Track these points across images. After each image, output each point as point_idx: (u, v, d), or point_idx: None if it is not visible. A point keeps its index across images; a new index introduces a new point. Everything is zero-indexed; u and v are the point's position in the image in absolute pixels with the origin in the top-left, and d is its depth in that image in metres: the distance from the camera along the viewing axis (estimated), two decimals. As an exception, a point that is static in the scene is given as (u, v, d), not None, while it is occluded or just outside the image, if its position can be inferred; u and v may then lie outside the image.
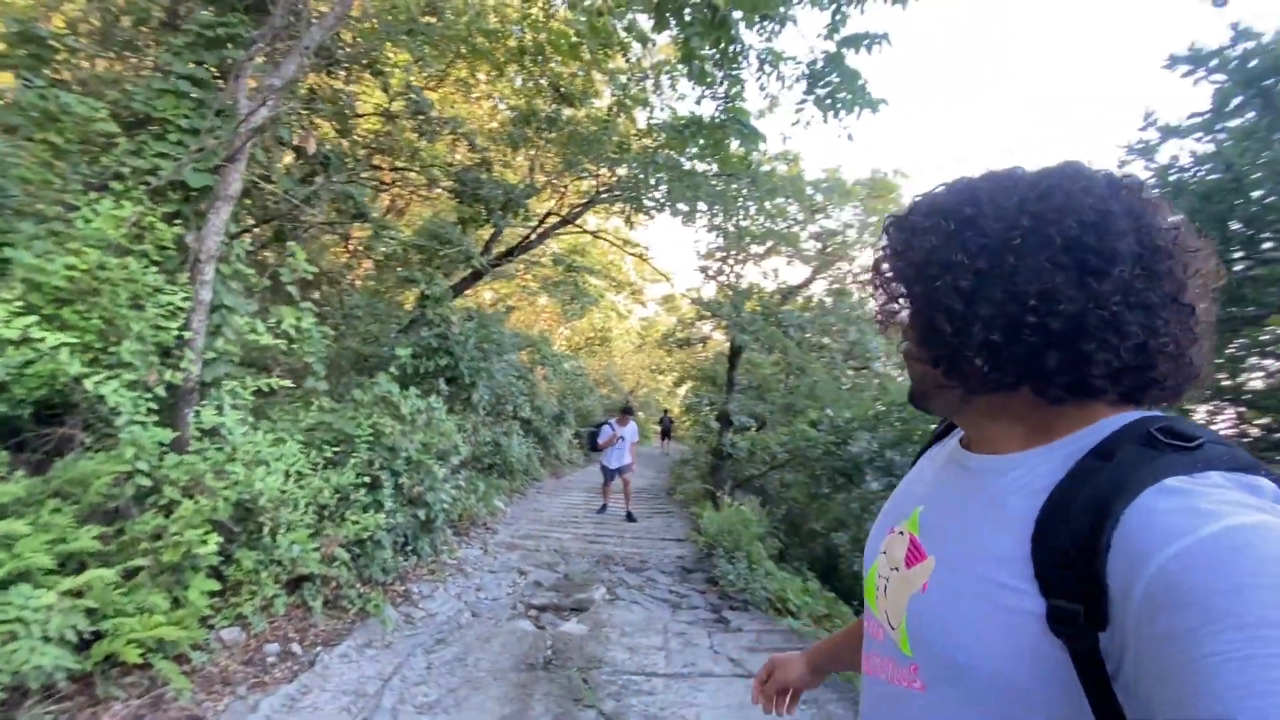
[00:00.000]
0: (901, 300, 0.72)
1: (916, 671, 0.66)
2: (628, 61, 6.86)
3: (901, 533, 0.75)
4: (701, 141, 4.68)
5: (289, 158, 6.08)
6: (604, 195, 8.71)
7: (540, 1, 6.89)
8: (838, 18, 3.42)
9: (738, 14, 3.08)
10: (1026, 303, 0.59)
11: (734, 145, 4.48)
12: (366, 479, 4.19)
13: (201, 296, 3.51)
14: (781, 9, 3.59)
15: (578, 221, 9.96)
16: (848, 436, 7.01)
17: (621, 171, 7.98)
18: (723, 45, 3.32)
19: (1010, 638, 0.56)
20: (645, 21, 4.16)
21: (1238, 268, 3.52)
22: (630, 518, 8.12)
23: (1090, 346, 0.58)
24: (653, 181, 7.54)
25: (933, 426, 0.93)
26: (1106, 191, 0.61)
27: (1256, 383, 4.25)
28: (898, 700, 0.70)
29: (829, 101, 3.39)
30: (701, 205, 8.20)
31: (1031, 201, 0.62)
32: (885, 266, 0.73)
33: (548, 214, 9.66)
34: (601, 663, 3.64)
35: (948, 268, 0.63)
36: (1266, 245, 3.02)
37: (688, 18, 3.12)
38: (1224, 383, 4.17)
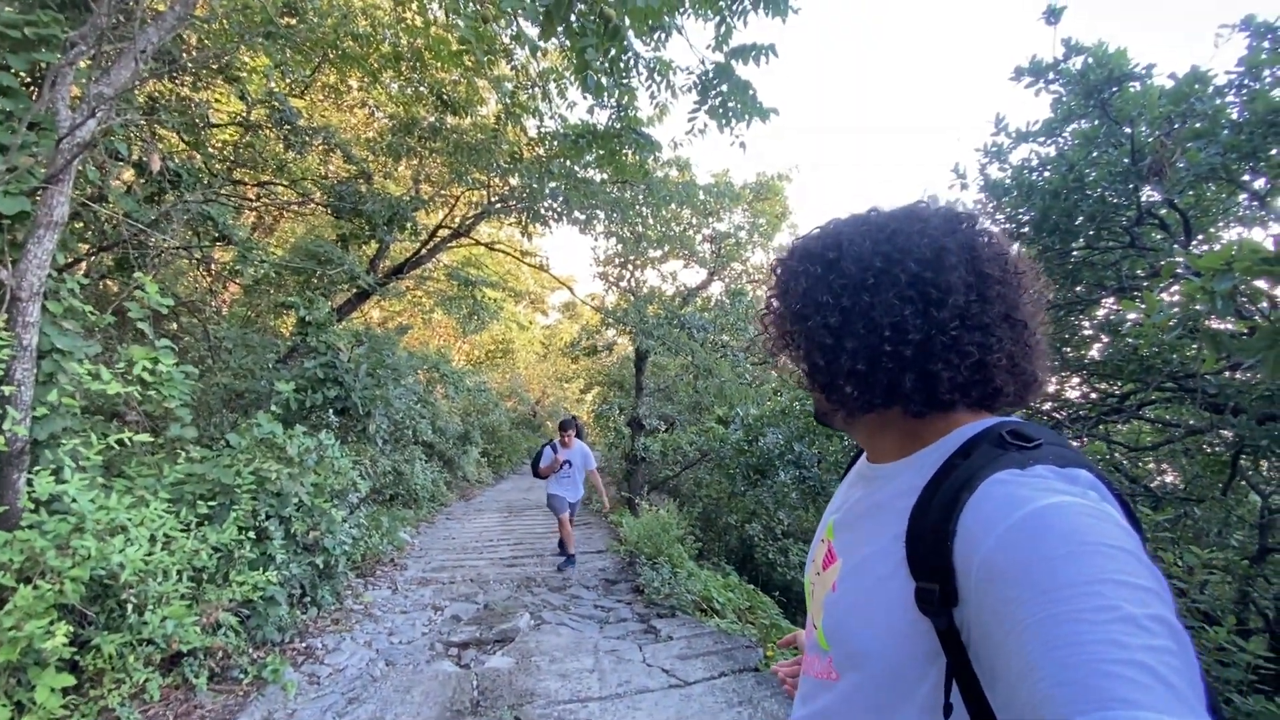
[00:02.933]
0: (788, 337, 0.80)
1: (832, 663, 0.73)
2: (513, 68, 6.66)
3: (823, 541, 0.83)
4: (599, 152, 4.63)
5: (128, 175, 5.35)
6: (497, 206, 8.43)
7: (415, 5, 6.54)
8: (722, 30, 3.50)
9: (628, 22, 3.06)
10: (883, 334, 0.68)
11: (629, 154, 4.47)
12: (251, 532, 3.76)
13: (25, 341, 2.97)
14: (667, 18, 3.62)
15: (471, 234, 9.58)
16: (758, 434, 7.22)
17: (514, 181, 7.75)
18: (613, 55, 3.29)
19: (892, 621, 0.63)
20: (532, 29, 4.05)
21: (1082, 256, 4.01)
22: (568, 560, 6.52)
23: (937, 367, 0.67)
24: (548, 191, 7.37)
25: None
26: (942, 230, 0.71)
27: (1094, 353, 4.89)
28: (820, 691, 0.76)
29: (721, 110, 3.47)
30: (599, 213, 8.13)
31: (882, 243, 0.71)
32: (775, 304, 0.83)
33: (438, 227, 9.22)
34: (534, 696, 3.48)
35: (819, 308, 0.73)
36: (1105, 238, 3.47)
37: (576, 26, 3.06)
38: (1070, 354, 4.74)
